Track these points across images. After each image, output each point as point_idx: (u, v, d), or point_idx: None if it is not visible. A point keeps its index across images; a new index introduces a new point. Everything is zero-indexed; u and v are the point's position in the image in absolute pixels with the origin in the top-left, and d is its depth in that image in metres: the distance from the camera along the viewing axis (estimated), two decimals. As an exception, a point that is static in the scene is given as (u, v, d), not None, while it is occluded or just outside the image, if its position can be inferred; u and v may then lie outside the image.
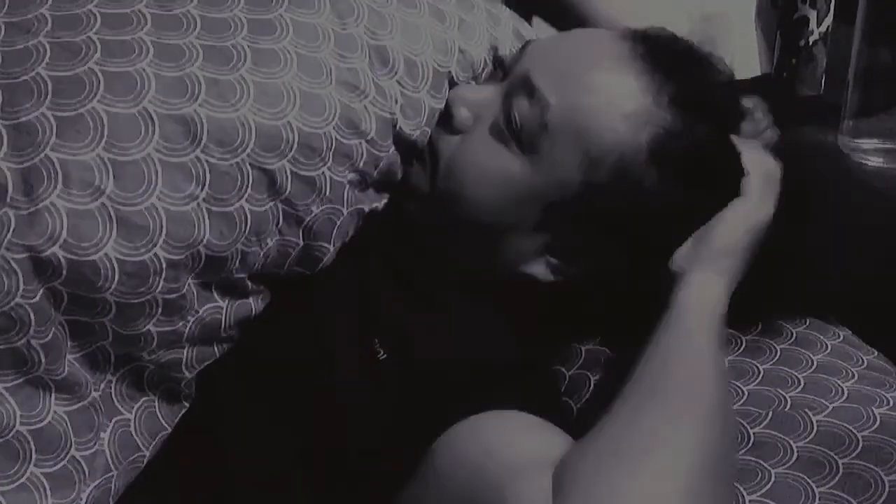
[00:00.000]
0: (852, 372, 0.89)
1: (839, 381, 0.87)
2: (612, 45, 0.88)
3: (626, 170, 0.83)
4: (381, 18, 0.86)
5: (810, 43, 1.48)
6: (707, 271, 0.83)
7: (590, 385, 0.92)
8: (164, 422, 0.82)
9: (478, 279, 0.90)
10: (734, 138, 0.88)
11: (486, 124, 0.88)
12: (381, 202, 0.89)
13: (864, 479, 0.76)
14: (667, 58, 0.86)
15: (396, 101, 0.84)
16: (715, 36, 1.56)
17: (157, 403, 0.81)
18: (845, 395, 0.85)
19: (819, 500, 0.75)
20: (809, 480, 0.77)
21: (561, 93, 0.85)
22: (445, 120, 0.89)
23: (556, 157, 0.84)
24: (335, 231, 0.83)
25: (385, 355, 0.84)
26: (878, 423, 0.81)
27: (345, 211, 0.83)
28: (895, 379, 0.88)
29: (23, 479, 0.71)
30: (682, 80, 0.85)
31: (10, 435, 0.71)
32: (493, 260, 0.90)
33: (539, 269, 0.89)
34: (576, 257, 0.89)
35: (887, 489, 0.75)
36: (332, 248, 0.84)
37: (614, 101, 0.84)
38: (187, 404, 0.84)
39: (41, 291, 0.70)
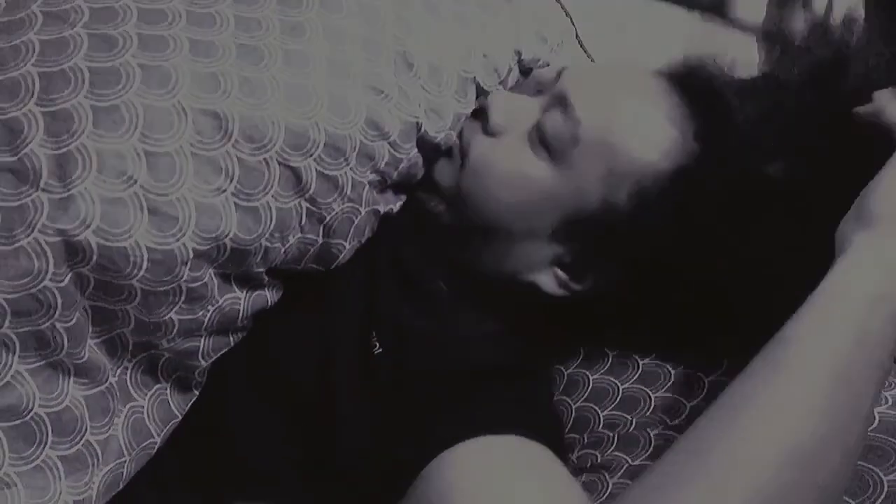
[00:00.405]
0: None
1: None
2: (649, 79, 0.91)
3: (644, 193, 0.85)
4: (406, 23, 0.88)
5: (811, 42, 1.50)
6: (879, 235, 0.72)
7: (588, 384, 0.94)
8: (175, 410, 0.83)
9: (484, 282, 0.92)
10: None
11: (519, 131, 0.90)
12: (396, 204, 0.91)
13: (863, 479, 0.76)
14: (699, 95, 0.88)
15: (420, 105, 0.86)
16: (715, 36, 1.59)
17: (169, 391, 0.82)
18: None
19: (817, 502, 0.76)
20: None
21: (595, 111, 0.87)
22: (481, 121, 0.92)
23: (582, 169, 0.86)
24: (352, 230, 0.85)
25: (381, 349, 0.85)
26: (876, 421, 0.81)
27: (363, 210, 0.85)
28: (894, 377, 0.87)
29: (38, 461, 0.72)
30: (709, 119, 0.87)
31: (29, 416, 0.71)
32: (504, 264, 0.91)
33: (545, 280, 0.91)
34: (583, 273, 0.90)
35: (886, 488, 0.75)
36: (348, 247, 0.86)
37: (643, 127, 0.87)
38: (197, 393, 0.85)
39: (69, 276, 0.71)
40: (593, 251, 0.88)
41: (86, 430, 0.75)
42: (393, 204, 0.90)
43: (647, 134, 0.87)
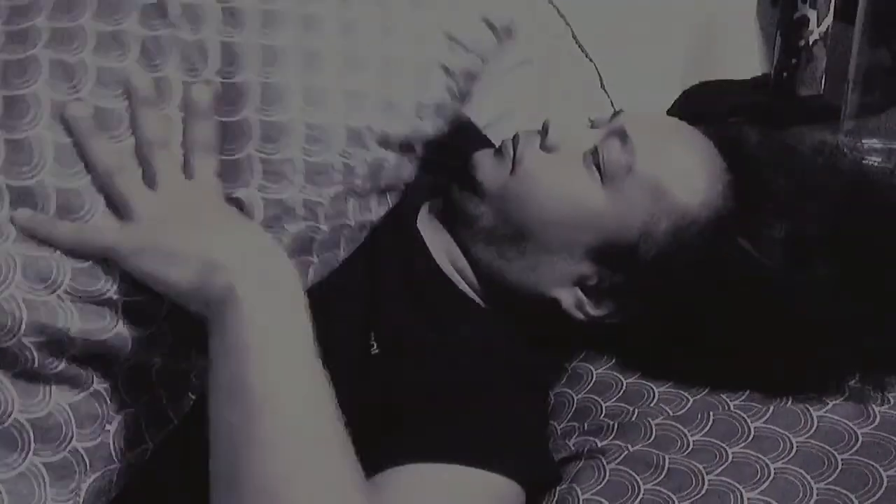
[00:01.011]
0: (853, 370, 0.90)
1: (840, 379, 0.88)
2: (703, 140, 0.96)
3: (680, 233, 0.90)
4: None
5: (810, 43, 1.49)
6: None
7: (592, 377, 0.95)
8: (171, 415, 0.81)
9: (505, 290, 0.94)
10: None
11: (576, 151, 0.94)
12: (381, 212, 0.92)
13: (862, 475, 0.78)
14: (745, 160, 0.94)
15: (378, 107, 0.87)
16: (715, 36, 1.57)
17: (164, 396, 0.81)
18: (846, 391, 0.87)
19: (817, 495, 0.77)
20: (808, 476, 0.78)
21: (651, 148, 0.92)
22: (539, 135, 0.96)
23: (630, 198, 0.91)
24: (342, 241, 0.88)
25: (377, 350, 0.86)
26: (877, 420, 0.83)
27: (352, 223, 0.88)
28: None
29: (21, 468, 0.71)
30: (752, 184, 0.91)
31: (8, 422, 0.70)
32: (532, 274, 0.94)
33: (566, 297, 0.94)
34: (602, 300, 0.93)
35: (885, 484, 0.77)
36: (342, 256, 0.89)
37: (690, 177, 0.92)
38: (194, 397, 0.83)
39: None
40: (620, 279, 0.92)
41: (72, 436, 0.74)
42: (380, 213, 0.92)
43: (692, 184, 0.92)
